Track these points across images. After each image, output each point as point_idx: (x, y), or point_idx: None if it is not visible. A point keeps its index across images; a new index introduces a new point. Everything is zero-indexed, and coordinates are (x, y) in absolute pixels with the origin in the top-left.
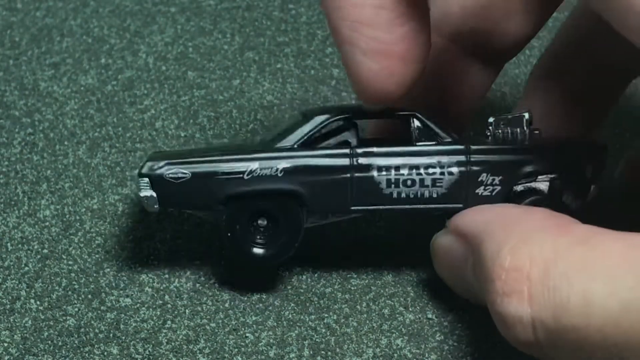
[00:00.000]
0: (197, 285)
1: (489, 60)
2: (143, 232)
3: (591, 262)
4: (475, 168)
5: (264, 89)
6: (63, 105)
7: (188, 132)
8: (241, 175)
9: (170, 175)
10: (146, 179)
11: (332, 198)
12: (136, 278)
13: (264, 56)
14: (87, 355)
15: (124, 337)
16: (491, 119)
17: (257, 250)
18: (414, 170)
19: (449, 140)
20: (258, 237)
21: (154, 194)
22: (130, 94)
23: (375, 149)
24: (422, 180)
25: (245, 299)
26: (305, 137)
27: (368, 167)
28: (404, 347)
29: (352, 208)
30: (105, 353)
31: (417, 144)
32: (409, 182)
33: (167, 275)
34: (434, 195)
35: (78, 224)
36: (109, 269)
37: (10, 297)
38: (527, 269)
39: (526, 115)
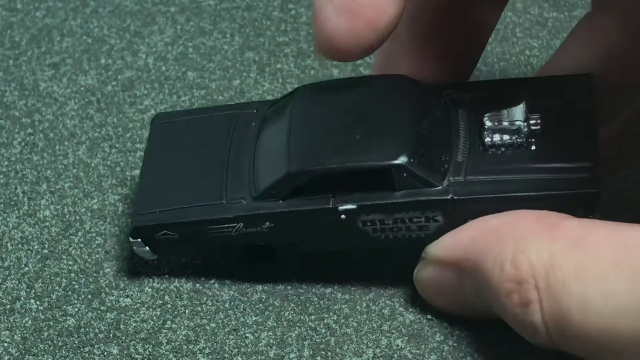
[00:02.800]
0: (197, 285)
1: None
2: None
3: (585, 267)
4: (460, 216)
5: (264, 89)
6: (63, 105)
7: None
8: (229, 232)
9: (160, 237)
10: (139, 240)
11: (323, 241)
12: (136, 278)
13: (264, 56)
14: (87, 355)
15: (124, 337)
16: (487, 122)
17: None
18: (399, 221)
19: (436, 187)
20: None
21: (149, 249)
22: (130, 94)
23: (356, 206)
24: (408, 227)
25: (245, 299)
26: (290, 191)
27: (352, 221)
28: (404, 348)
29: (344, 245)
30: (105, 353)
31: (399, 193)
32: (395, 229)
33: (167, 275)
34: (422, 236)
35: (78, 224)
36: (109, 269)
37: (10, 297)
38: (533, 278)
39: (519, 112)
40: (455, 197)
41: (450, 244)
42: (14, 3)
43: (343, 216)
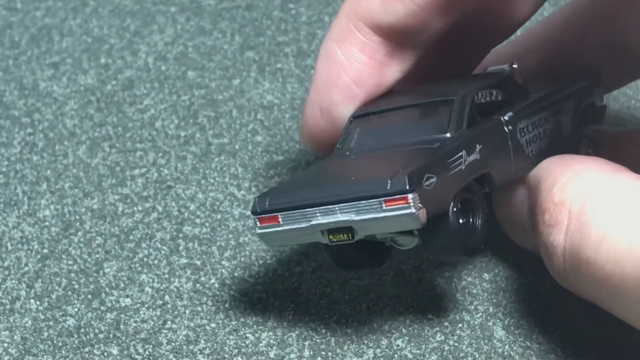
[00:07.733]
0: (197, 285)
1: None
2: (143, 232)
3: (618, 205)
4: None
5: (264, 88)
6: (63, 105)
7: (188, 131)
8: (460, 166)
9: (426, 184)
10: (415, 195)
11: (504, 169)
12: (136, 278)
13: (264, 56)
14: (87, 355)
15: (124, 338)
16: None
17: (470, 242)
18: (536, 126)
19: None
20: (467, 230)
21: (422, 207)
22: (130, 94)
23: (514, 114)
24: (539, 134)
25: (245, 299)
26: (465, 119)
27: (515, 132)
28: (404, 348)
29: (514, 174)
30: (105, 353)
31: (529, 99)
32: (534, 139)
33: (167, 275)
34: (543, 148)
35: (78, 223)
36: (109, 269)
37: (10, 297)
38: (570, 203)
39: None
40: (554, 97)
41: (536, 167)
42: (13, 3)
43: (510, 126)
